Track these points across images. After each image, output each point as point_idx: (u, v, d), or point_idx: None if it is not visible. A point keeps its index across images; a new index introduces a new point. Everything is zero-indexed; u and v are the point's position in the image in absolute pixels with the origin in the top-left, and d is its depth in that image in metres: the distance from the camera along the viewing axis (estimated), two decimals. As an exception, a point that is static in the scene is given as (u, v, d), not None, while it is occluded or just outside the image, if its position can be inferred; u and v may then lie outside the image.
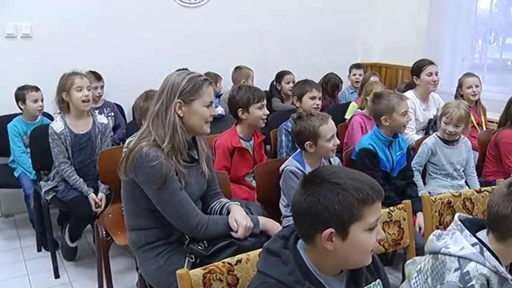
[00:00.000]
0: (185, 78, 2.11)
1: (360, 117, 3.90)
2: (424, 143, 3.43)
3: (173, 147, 2.08)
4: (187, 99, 2.09)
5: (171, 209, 2.09)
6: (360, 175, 1.37)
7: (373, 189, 1.34)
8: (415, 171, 3.35)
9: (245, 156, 3.16)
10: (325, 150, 2.73)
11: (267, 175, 2.86)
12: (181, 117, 2.10)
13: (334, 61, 5.82)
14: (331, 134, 2.71)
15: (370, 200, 1.33)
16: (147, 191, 2.08)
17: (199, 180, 2.27)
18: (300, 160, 2.77)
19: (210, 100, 2.16)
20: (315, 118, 2.72)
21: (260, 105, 3.12)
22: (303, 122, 2.73)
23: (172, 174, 2.06)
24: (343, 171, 1.39)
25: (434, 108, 4.31)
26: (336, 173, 1.37)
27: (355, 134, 3.80)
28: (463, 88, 4.33)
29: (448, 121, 3.31)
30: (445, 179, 3.42)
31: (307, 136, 2.70)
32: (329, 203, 1.32)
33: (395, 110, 3.05)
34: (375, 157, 3.06)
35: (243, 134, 3.19)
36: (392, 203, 2.60)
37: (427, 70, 4.16)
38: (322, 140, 2.70)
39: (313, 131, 2.69)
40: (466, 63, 5.53)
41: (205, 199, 2.39)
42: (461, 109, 3.29)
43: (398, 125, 3.09)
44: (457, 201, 2.41)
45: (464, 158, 3.44)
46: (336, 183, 1.33)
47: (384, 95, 3.13)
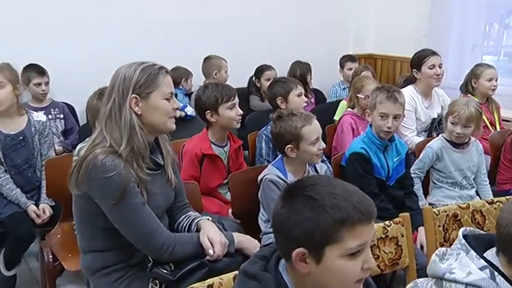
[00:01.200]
0: (137, 69, 2.14)
1: (351, 118, 3.97)
2: (428, 146, 3.50)
3: (132, 150, 2.09)
4: (143, 93, 2.12)
5: (132, 228, 2.10)
6: (346, 191, 1.38)
7: (356, 209, 1.34)
8: (415, 177, 3.42)
9: (217, 164, 3.19)
10: (309, 155, 2.77)
11: (243, 185, 2.90)
12: (139, 115, 2.12)
13: (322, 53, 5.92)
14: (316, 137, 2.76)
15: (349, 220, 1.33)
16: (104, 206, 2.09)
17: (165, 190, 2.29)
18: (281, 168, 2.81)
19: (169, 91, 2.19)
20: (297, 118, 2.76)
21: (230, 105, 3.16)
22: (283, 123, 2.77)
23: (133, 186, 2.08)
24: (327, 184, 1.40)
25: (438, 106, 4.40)
26: (316, 186, 1.38)
27: (345, 137, 3.87)
28: (479, 80, 4.39)
29: (456, 121, 3.36)
30: (453, 188, 3.49)
31: (287, 139, 2.74)
32: (300, 220, 1.34)
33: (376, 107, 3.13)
34: (368, 163, 3.12)
35: (216, 138, 3.23)
36: (389, 216, 2.65)
37: (429, 62, 4.23)
38: (305, 143, 2.74)
39: (295, 133, 2.73)
40: (476, 52, 5.63)
41: (171, 213, 2.41)
42: (471, 107, 3.33)
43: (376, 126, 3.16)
44: (464, 214, 2.46)
45: (475, 163, 3.51)
46: (311, 198, 1.35)
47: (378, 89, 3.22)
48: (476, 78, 4.42)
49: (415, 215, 2.82)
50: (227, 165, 3.25)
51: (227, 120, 3.16)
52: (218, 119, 3.16)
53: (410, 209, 3.09)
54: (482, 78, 4.38)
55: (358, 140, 3.23)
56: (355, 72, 4.91)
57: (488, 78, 4.36)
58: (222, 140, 3.26)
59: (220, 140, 3.25)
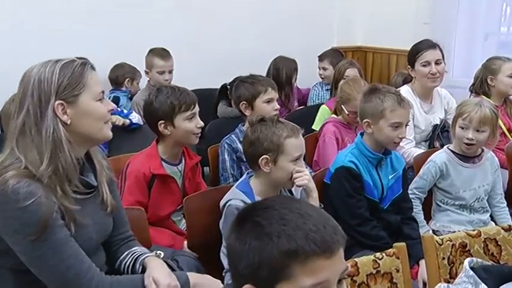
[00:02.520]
0: (55, 68, 2.11)
1: (334, 126, 3.99)
2: (430, 160, 3.52)
3: (56, 172, 2.05)
4: (69, 97, 2.11)
5: (52, 272, 2.05)
6: (301, 216, 1.39)
7: (309, 239, 1.35)
8: (414, 199, 3.45)
9: (170, 187, 3.18)
10: (284, 174, 2.78)
11: (201, 211, 2.89)
12: (68, 125, 2.12)
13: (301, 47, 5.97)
14: (298, 154, 2.78)
15: (300, 253, 1.34)
16: (15, 244, 2.04)
17: (100, 217, 2.27)
18: (247, 190, 2.81)
19: (100, 90, 2.18)
20: (283, 126, 2.79)
21: (190, 115, 3.15)
22: (265, 128, 2.79)
23: (55, 218, 2.03)
24: (281, 207, 1.42)
25: (440, 110, 4.45)
26: (268, 210, 1.41)
27: (328, 149, 3.89)
28: (497, 77, 4.43)
29: (467, 124, 3.38)
30: (461, 211, 3.52)
31: (266, 148, 2.75)
32: (244, 251, 1.37)
33: (385, 116, 3.15)
34: (358, 180, 3.13)
35: (168, 155, 3.22)
36: (383, 246, 2.68)
37: (423, 58, 4.28)
38: (285, 158, 2.75)
39: (277, 143, 2.75)
40: (491, 42, 5.70)
41: (110, 247, 2.38)
42: (484, 107, 3.37)
43: (384, 138, 3.18)
44: (475, 243, 2.47)
45: (489, 181, 3.54)
46: (259, 224, 1.37)
47: (380, 92, 3.23)
48: (493, 75, 4.45)
49: (415, 245, 2.83)
50: (182, 187, 3.24)
51: (184, 133, 3.16)
52: (173, 132, 3.15)
53: (409, 237, 3.10)
54: (501, 73, 4.42)
55: (346, 152, 3.24)
56: (338, 71, 4.93)
57: (510, 74, 4.41)
58: (176, 156, 3.25)
59: (174, 156, 3.24)
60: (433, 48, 4.29)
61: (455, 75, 5.57)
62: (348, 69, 4.84)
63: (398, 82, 5.00)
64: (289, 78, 5.38)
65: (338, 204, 3.15)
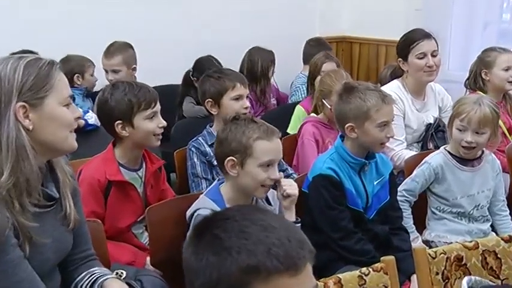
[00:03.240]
0: (19, 66, 2.09)
1: (314, 126, 4.00)
2: (425, 162, 3.54)
3: (16, 184, 2.04)
4: (33, 99, 2.10)
5: None
6: (264, 229, 1.40)
7: (271, 255, 1.35)
8: (403, 201, 3.47)
9: (129, 195, 3.17)
10: (253, 181, 2.79)
11: (167, 223, 2.88)
12: (30, 130, 2.10)
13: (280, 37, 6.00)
14: (269, 159, 2.78)
15: (262, 270, 1.35)
16: None
17: (59, 234, 2.25)
18: (217, 197, 2.81)
19: (67, 94, 2.18)
20: (255, 127, 2.80)
21: (151, 113, 3.15)
22: (235, 127, 2.80)
23: (8, 236, 2.01)
24: (243, 218, 1.43)
25: (434, 108, 4.48)
26: (228, 221, 1.42)
27: (306, 153, 3.90)
28: (492, 70, 4.47)
29: (465, 126, 3.39)
30: (459, 220, 3.55)
31: (232, 148, 2.77)
32: (201, 266, 1.39)
33: (370, 116, 3.16)
34: (338, 188, 3.14)
35: (126, 159, 3.21)
36: (370, 261, 2.68)
37: (418, 49, 4.29)
38: (253, 162, 2.76)
39: (245, 144, 2.76)
40: (491, 32, 5.76)
41: (66, 267, 2.37)
42: (484, 106, 3.38)
43: (372, 140, 3.20)
44: (472, 256, 2.49)
45: (490, 186, 3.57)
46: (217, 237, 1.39)
47: (359, 90, 3.22)
48: (487, 68, 4.49)
49: (405, 258, 2.85)
50: (143, 195, 3.23)
51: (144, 134, 3.15)
52: (132, 133, 3.14)
53: (399, 250, 3.12)
54: (496, 67, 4.46)
55: (325, 157, 3.24)
56: (314, 64, 4.92)
57: (505, 67, 4.45)
58: (135, 160, 3.24)
59: (133, 160, 3.23)
60: (428, 38, 4.30)
61: (451, 69, 5.62)
62: (325, 64, 4.83)
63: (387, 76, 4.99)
64: (265, 71, 5.42)
65: (318, 216, 3.17)
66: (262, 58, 5.46)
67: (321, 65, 4.83)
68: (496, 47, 4.62)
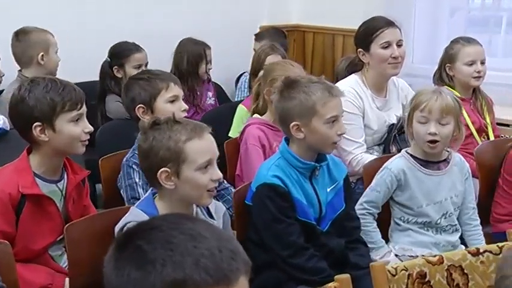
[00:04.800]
0: None
1: (259, 129, 4.01)
2: (385, 168, 3.57)
3: None
4: None
5: None
6: (193, 239, 1.41)
7: (199, 267, 1.37)
8: (365, 214, 3.50)
9: (47, 211, 3.12)
10: (195, 188, 2.78)
11: (89, 242, 2.85)
12: None
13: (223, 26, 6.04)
14: (207, 159, 2.78)
15: (189, 284, 1.36)
16: None
17: None
18: (151, 210, 2.80)
19: None
20: (181, 128, 2.78)
21: (76, 116, 3.12)
22: (159, 133, 2.78)
23: None
24: (170, 227, 1.44)
25: (397, 106, 4.53)
26: (154, 231, 1.43)
27: (252, 160, 3.91)
28: (456, 64, 4.58)
29: (426, 117, 3.43)
30: (425, 231, 3.58)
31: (162, 158, 2.75)
32: (122, 283, 1.39)
33: (317, 112, 3.18)
34: (286, 199, 3.15)
35: (44, 168, 3.16)
36: (323, 280, 2.72)
37: (382, 38, 4.32)
38: (190, 167, 2.75)
39: (175, 150, 2.74)
40: (458, 20, 5.90)
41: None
42: (444, 94, 3.46)
43: (321, 139, 3.22)
44: (436, 272, 2.52)
45: (459, 192, 3.62)
46: (141, 249, 1.39)
47: (302, 84, 3.25)
48: (451, 62, 4.61)
49: (364, 276, 2.85)
50: (64, 211, 3.19)
51: (67, 140, 3.13)
52: (52, 138, 3.10)
53: (357, 267, 3.15)
54: (459, 61, 4.57)
55: (269, 164, 3.26)
56: (257, 57, 4.95)
57: (468, 61, 4.55)
58: (55, 170, 3.20)
59: (52, 171, 3.19)
60: (392, 26, 4.33)
61: (415, 62, 5.71)
62: (270, 56, 4.85)
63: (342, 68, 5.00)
64: (192, 67, 5.43)
65: (263, 231, 3.19)
66: (189, 52, 5.48)
67: (264, 58, 4.84)
68: (462, 37, 4.72)
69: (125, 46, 5.15)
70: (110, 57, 5.16)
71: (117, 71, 5.11)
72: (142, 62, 5.07)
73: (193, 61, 5.46)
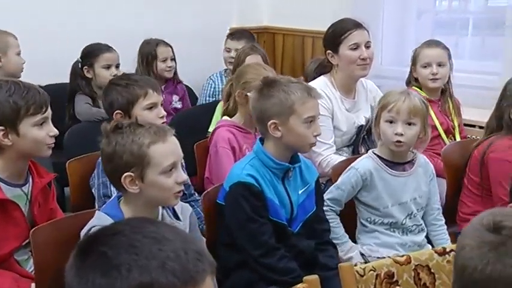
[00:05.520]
0: None
1: (228, 131, 3.99)
2: (351, 168, 3.58)
3: None
4: None
5: None
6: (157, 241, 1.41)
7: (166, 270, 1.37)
8: (327, 211, 3.50)
9: (11, 216, 3.09)
10: (160, 191, 2.77)
11: (55, 247, 2.81)
12: None
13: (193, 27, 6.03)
14: (171, 162, 2.76)
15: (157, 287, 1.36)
16: None
17: None
18: (116, 213, 2.78)
19: None
20: (144, 131, 2.76)
21: (40, 120, 3.09)
22: (121, 137, 2.75)
23: None
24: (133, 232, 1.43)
25: (366, 107, 4.54)
26: (117, 236, 1.41)
27: (221, 162, 3.90)
28: (416, 67, 4.65)
29: (394, 117, 3.45)
30: (391, 232, 3.60)
31: (126, 162, 2.72)
32: None
33: (295, 111, 3.18)
34: (259, 198, 3.15)
35: (8, 172, 3.14)
36: (294, 280, 2.71)
37: (350, 39, 4.32)
38: (154, 171, 2.73)
39: (139, 154, 2.71)
40: (426, 22, 5.92)
41: None
42: (412, 96, 3.49)
43: (298, 139, 3.22)
44: (403, 272, 2.53)
45: (423, 193, 3.63)
46: (105, 255, 1.38)
47: (281, 83, 3.25)
48: (413, 64, 4.67)
49: (332, 277, 2.85)
50: (29, 215, 3.16)
51: (32, 144, 3.10)
52: (16, 142, 3.07)
53: (326, 267, 3.16)
54: (418, 63, 4.64)
55: (243, 163, 3.25)
56: (237, 57, 4.94)
57: (424, 63, 4.61)
58: (20, 174, 3.18)
59: (17, 175, 3.16)
60: (360, 28, 4.34)
61: (384, 63, 5.73)
62: (249, 56, 4.84)
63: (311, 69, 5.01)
64: (147, 67, 5.41)
65: (237, 231, 3.18)
66: (142, 53, 5.48)
67: (244, 58, 4.83)
68: (429, 40, 4.77)
69: (96, 46, 5.11)
70: (81, 57, 5.11)
71: (87, 71, 5.06)
72: (111, 62, 5.02)
73: (146, 61, 5.43)
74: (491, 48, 5.72)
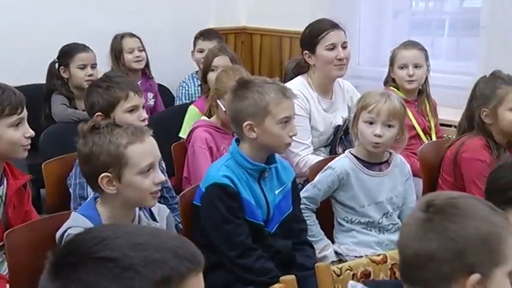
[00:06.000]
0: None
1: (206, 131, 4.00)
2: (328, 167, 3.57)
3: None
4: None
5: None
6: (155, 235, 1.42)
7: (180, 257, 1.38)
8: (303, 209, 3.49)
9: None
10: (138, 191, 2.76)
11: (29, 249, 2.78)
12: None
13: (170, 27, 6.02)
14: (149, 162, 2.75)
15: (176, 276, 1.36)
16: None
17: None
18: (93, 214, 2.77)
19: None
20: (121, 132, 2.75)
21: (16, 120, 3.08)
22: (99, 138, 2.74)
23: None
24: (122, 232, 1.41)
25: (343, 107, 4.55)
26: (108, 241, 1.37)
27: (199, 163, 3.90)
28: (394, 68, 4.66)
29: (374, 118, 3.46)
30: (368, 231, 3.60)
31: (104, 163, 2.71)
32: None
33: (270, 112, 3.18)
34: (235, 199, 3.15)
35: (-18, 174, 3.12)
36: (271, 281, 2.71)
37: (327, 40, 4.33)
38: (131, 171, 2.72)
39: (116, 154, 2.70)
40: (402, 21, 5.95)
41: None
42: (392, 98, 3.51)
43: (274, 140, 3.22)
44: (380, 271, 2.55)
45: (399, 193, 3.64)
46: (108, 260, 1.33)
47: (256, 84, 3.25)
48: (391, 65, 4.69)
49: (309, 277, 2.85)
50: (4, 217, 3.15)
51: (7, 145, 3.09)
52: None
53: (303, 267, 3.16)
54: (395, 64, 4.65)
55: (219, 164, 3.25)
56: (206, 57, 4.93)
57: (401, 65, 4.63)
58: (-8, 176, 3.16)
59: (-11, 176, 3.14)
60: (337, 28, 4.36)
61: (361, 63, 5.73)
62: (217, 58, 4.82)
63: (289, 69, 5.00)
64: (117, 62, 5.40)
65: (213, 232, 3.17)
66: (111, 49, 5.48)
67: (212, 59, 4.81)
68: (407, 41, 4.80)
69: (72, 46, 5.08)
70: (58, 57, 5.08)
71: (63, 71, 5.02)
72: (87, 62, 4.97)
73: (115, 56, 5.41)
74: (467, 48, 5.76)
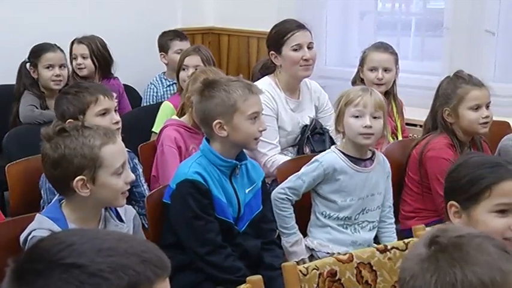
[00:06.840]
0: None
1: (176, 131, 3.99)
2: (315, 160, 3.56)
3: None
4: None
5: None
6: (122, 240, 1.39)
7: (147, 262, 1.36)
8: (283, 199, 3.50)
9: None
10: (110, 192, 2.74)
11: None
12: None
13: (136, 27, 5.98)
14: (122, 163, 2.75)
15: (143, 282, 1.34)
16: None
17: None
18: (58, 216, 2.74)
19: None
20: (93, 133, 2.73)
21: None
22: (70, 141, 2.70)
23: None
24: (88, 237, 1.38)
25: (310, 107, 4.55)
26: (74, 246, 1.34)
27: (167, 162, 3.88)
28: (363, 69, 4.67)
29: (362, 110, 3.49)
30: (344, 229, 3.61)
31: (78, 165, 2.68)
32: None
33: (238, 108, 3.20)
34: (206, 196, 3.15)
35: None
36: (239, 279, 2.70)
37: (293, 40, 4.34)
38: (106, 172, 2.71)
39: (91, 156, 2.68)
40: (367, 21, 5.96)
41: None
42: (374, 91, 3.59)
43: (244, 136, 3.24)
44: (346, 270, 2.54)
45: (381, 189, 3.68)
46: (75, 266, 1.30)
47: (221, 83, 3.27)
48: (361, 66, 4.69)
49: (277, 277, 2.84)
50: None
51: None
52: None
53: (271, 267, 3.16)
54: (365, 65, 4.66)
55: (190, 161, 3.25)
56: (180, 57, 4.93)
57: (371, 67, 4.64)
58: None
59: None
60: (302, 29, 4.36)
61: (328, 64, 5.73)
62: (188, 57, 4.83)
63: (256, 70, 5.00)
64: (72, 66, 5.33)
65: (183, 229, 3.17)
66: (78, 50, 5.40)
67: (183, 58, 4.83)
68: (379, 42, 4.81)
69: (42, 46, 5.03)
70: (29, 57, 5.02)
71: (33, 71, 4.95)
72: (54, 62, 4.91)
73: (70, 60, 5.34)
74: (432, 49, 5.77)
